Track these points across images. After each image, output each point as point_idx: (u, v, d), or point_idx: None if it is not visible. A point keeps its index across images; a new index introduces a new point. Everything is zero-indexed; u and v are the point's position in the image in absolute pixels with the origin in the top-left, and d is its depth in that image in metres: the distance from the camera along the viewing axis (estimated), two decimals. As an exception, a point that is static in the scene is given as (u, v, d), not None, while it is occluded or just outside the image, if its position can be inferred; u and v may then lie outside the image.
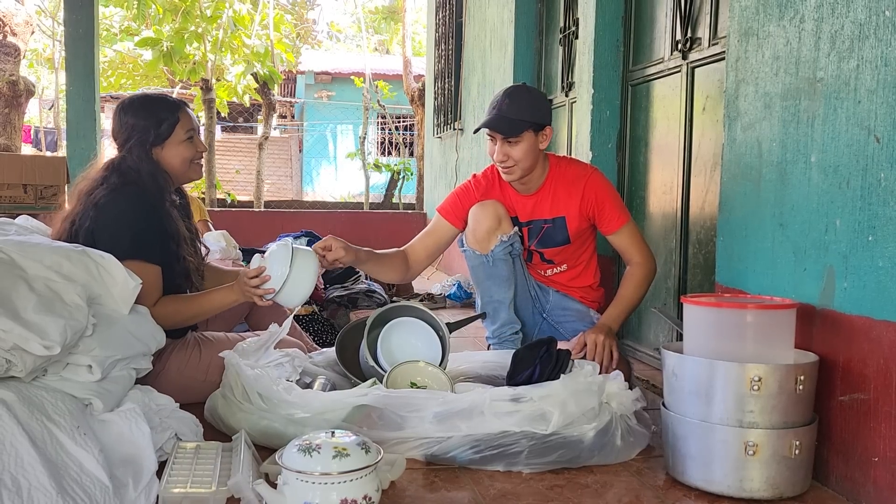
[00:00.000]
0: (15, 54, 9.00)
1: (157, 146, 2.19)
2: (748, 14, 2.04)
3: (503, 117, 2.37)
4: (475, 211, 2.50)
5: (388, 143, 17.08)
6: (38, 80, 16.69)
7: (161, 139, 2.18)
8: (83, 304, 1.63)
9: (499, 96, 2.42)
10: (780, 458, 1.64)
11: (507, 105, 2.38)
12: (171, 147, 2.20)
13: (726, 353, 1.71)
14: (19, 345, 1.47)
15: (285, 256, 2.08)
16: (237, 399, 2.00)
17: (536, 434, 1.82)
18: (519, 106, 2.38)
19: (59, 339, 1.51)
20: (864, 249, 1.61)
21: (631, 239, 2.49)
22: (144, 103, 2.22)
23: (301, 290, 2.10)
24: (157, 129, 2.17)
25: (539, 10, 4.44)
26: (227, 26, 9.94)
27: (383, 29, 20.88)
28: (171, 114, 2.19)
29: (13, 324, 1.47)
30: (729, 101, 2.14)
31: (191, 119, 2.25)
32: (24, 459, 1.41)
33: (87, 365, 1.64)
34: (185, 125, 2.22)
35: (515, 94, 2.41)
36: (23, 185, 4.77)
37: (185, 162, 2.24)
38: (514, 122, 2.37)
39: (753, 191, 2.01)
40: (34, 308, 1.53)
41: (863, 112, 1.62)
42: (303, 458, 1.43)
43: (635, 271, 2.47)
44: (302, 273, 2.09)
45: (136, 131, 2.16)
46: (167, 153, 2.20)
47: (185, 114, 2.23)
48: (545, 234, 2.54)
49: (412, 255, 2.57)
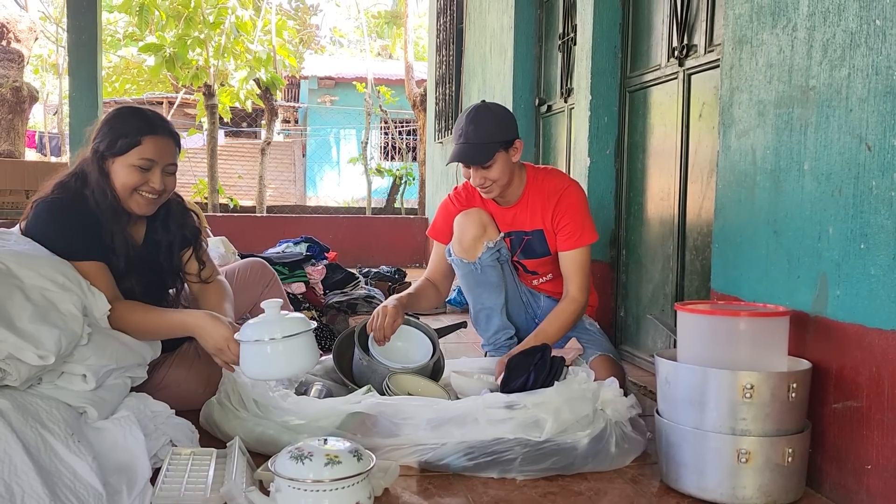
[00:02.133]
0: (19, 60, 9.05)
1: (108, 158, 2.05)
2: (742, 22, 2.05)
3: (471, 145, 2.35)
4: (459, 220, 2.50)
5: (390, 147, 17.10)
6: (42, 86, 16.77)
7: (112, 153, 2.03)
8: (78, 313, 1.64)
9: (462, 123, 2.39)
10: (774, 466, 1.64)
11: (472, 131, 2.35)
12: (118, 165, 2.04)
13: (720, 360, 1.72)
14: (14, 354, 1.48)
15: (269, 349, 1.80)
16: (233, 406, 2.01)
17: (530, 441, 1.83)
18: (485, 129, 2.35)
19: (53, 348, 1.52)
20: (857, 257, 1.61)
21: (576, 267, 2.44)
22: (120, 114, 2.10)
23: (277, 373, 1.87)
24: (114, 141, 2.03)
25: (538, 17, 4.45)
26: (229, 32, 9.96)
27: (386, 34, 20.94)
28: (135, 134, 2.03)
29: (8, 333, 1.48)
30: (723, 108, 2.14)
31: (157, 150, 2.06)
32: (18, 467, 1.41)
33: (81, 374, 1.65)
34: (144, 152, 2.03)
35: (478, 117, 2.38)
36: (25, 191, 4.79)
37: (126, 188, 2.05)
38: (483, 147, 2.35)
39: (748, 198, 2.02)
40: (29, 318, 1.54)
41: (854, 120, 1.62)
42: (295, 466, 1.44)
43: (567, 307, 2.41)
44: (282, 361, 1.82)
45: (99, 138, 2.06)
46: (114, 169, 2.05)
47: (152, 142, 2.05)
48: (527, 246, 2.54)
49: (435, 280, 2.67)
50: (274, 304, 1.84)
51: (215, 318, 1.97)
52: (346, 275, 4.38)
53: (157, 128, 2.07)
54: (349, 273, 4.43)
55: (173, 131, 2.14)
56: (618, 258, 3.32)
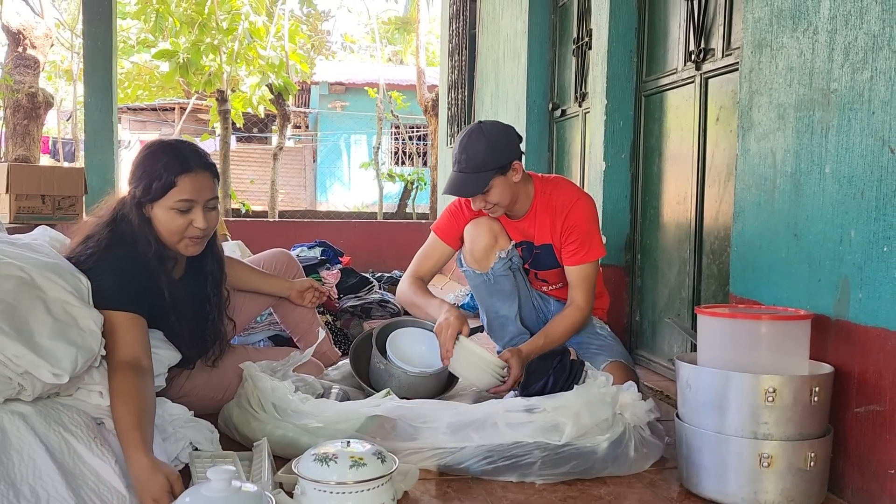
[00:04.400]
0: (34, 66, 9.13)
1: (148, 204, 1.93)
2: (762, 26, 2.05)
3: (465, 176, 2.32)
4: (470, 230, 2.48)
5: (401, 153, 17.14)
6: (56, 92, 16.90)
7: (147, 198, 1.92)
8: (97, 329, 1.63)
9: (456, 150, 2.36)
10: (796, 470, 1.63)
11: (465, 161, 2.32)
12: (159, 210, 1.93)
13: (741, 364, 1.71)
14: (30, 371, 1.48)
15: None
16: (252, 408, 2.02)
17: (549, 445, 1.82)
18: (477, 157, 2.30)
19: (69, 367, 1.51)
20: (880, 260, 1.61)
21: (581, 280, 2.43)
22: (153, 154, 1.96)
23: None
24: (149, 186, 1.91)
25: (553, 21, 4.46)
26: (242, 38, 10.03)
27: (397, 40, 21.00)
28: (169, 175, 1.90)
29: (26, 350, 1.47)
30: (743, 111, 2.14)
31: (193, 189, 1.92)
32: (42, 470, 1.43)
33: (98, 391, 1.65)
34: (182, 193, 1.91)
35: (470, 145, 2.32)
36: (41, 196, 4.81)
37: (172, 234, 1.94)
38: (476, 178, 2.31)
39: (767, 201, 2.01)
40: (49, 333, 1.53)
41: (877, 123, 1.62)
42: (319, 468, 1.45)
43: (572, 314, 2.41)
44: None
45: (136, 180, 1.95)
46: (155, 215, 1.94)
47: (188, 181, 1.92)
48: (536, 258, 2.53)
49: (427, 279, 2.61)
50: (222, 473, 1.33)
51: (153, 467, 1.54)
52: (361, 279, 4.39)
53: (190, 165, 1.93)
54: (363, 277, 4.44)
55: (209, 163, 2.00)
56: (633, 262, 3.31)
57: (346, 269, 4.35)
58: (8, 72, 8.99)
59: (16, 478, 1.39)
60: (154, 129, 17.70)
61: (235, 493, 1.31)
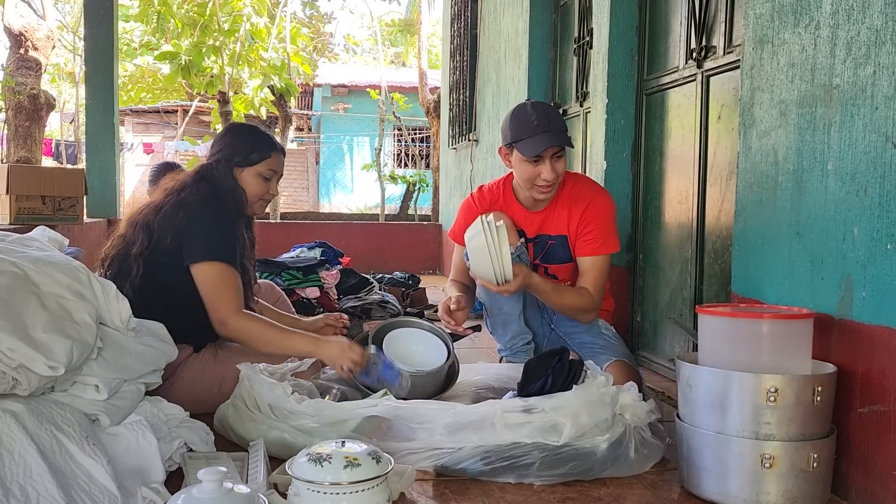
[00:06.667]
0: (36, 68, 9.12)
1: (239, 168, 2.34)
2: (763, 22, 2.03)
3: (555, 133, 2.32)
4: None
5: (403, 154, 17.14)
6: (58, 94, 16.92)
7: (244, 163, 2.34)
8: (92, 322, 1.62)
9: (543, 111, 2.34)
10: (798, 471, 1.61)
11: (548, 122, 2.31)
12: (248, 174, 2.35)
13: (742, 363, 1.68)
14: (25, 364, 1.47)
15: None
16: (248, 408, 1.99)
17: (548, 445, 1.80)
18: (559, 119, 2.36)
19: (64, 360, 1.50)
20: (883, 258, 1.58)
21: (593, 270, 2.44)
22: (250, 130, 2.42)
23: None
24: (247, 153, 2.33)
25: (553, 21, 4.44)
26: (244, 40, 10.02)
27: (399, 41, 21.00)
28: (266, 148, 2.36)
29: (21, 343, 1.46)
30: (744, 108, 2.12)
31: (279, 164, 2.41)
32: (33, 469, 1.40)
33: (94, 385, 1.63)
34: (271, 165, 2.37)
35: (549, 110, 2.36)
36: (41, 197, 4.80)
37: (255, 196, 2.38)
38: (564, 136, 2.35)
39: (769, 199, 1.99)
40: (44, 327, 1.52)
41: (880, 118, 1.59)
42: (313, 468, 1.42)
43: (581, 294, 2.42)
44: None
45: (229, 149, 2.34)
46: (244, 178, 2.35)
47: (277, 157, 2.39)
48: (549, 250, 2.52)
49: (464, 281, 2.63)
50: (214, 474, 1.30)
51: (346, 344, 2.22)
52: (360, 280, 4.37)
53: (278, 146, 2.43)
54: (363, 278, 4.42)
55: (284, 149, 2.49)
56: (634, 262, 3.29)
57: (345, 270, 4.33)
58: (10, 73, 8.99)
59: (5, 477, 1.37)
60: (157, 131, 17.73)
61: (227, 494, 1.28)
